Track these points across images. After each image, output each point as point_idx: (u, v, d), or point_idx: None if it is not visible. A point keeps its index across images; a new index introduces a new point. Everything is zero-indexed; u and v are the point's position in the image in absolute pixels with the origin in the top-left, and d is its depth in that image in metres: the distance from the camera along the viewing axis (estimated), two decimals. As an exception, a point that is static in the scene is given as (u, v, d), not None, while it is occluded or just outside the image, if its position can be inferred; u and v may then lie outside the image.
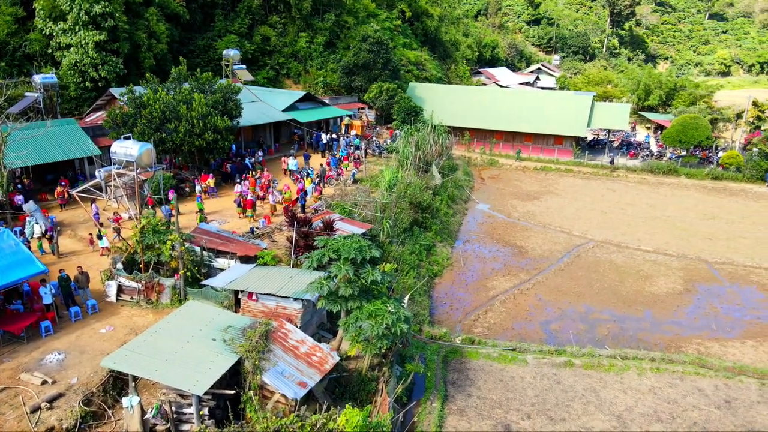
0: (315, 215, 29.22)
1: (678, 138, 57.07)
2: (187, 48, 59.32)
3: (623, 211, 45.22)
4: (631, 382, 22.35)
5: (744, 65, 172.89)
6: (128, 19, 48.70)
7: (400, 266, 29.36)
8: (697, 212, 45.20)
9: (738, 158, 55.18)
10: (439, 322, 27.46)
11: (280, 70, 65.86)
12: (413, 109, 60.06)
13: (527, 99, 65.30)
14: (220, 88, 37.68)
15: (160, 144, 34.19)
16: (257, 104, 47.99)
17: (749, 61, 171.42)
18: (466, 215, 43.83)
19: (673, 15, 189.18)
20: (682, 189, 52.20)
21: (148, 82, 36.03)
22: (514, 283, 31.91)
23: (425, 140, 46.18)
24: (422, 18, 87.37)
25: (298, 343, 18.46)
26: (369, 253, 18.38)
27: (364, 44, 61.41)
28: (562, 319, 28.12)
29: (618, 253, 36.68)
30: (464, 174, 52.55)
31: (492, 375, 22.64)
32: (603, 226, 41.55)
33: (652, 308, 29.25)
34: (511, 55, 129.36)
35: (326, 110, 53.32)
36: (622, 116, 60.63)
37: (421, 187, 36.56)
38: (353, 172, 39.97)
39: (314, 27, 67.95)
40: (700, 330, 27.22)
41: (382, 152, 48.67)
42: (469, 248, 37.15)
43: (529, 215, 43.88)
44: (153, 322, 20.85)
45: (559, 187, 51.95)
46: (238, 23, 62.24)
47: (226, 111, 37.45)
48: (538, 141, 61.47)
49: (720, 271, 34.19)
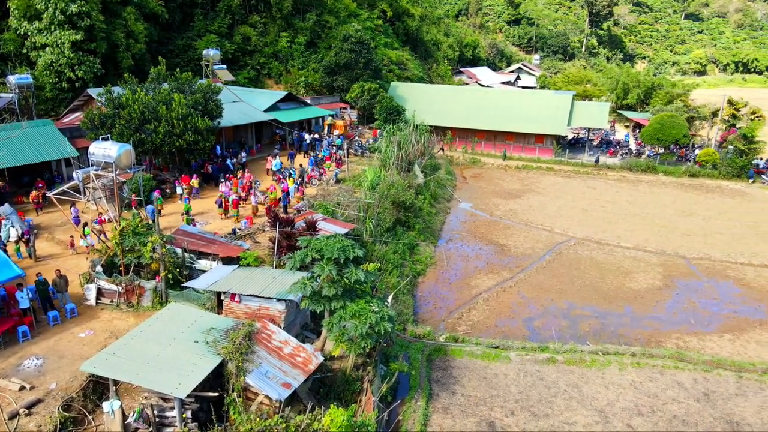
0: (298, 215, 29.10)
1: (656, 136, 57.99)
2: (166, 48, 58.66)
3: (604, 208, 45.79)
4: (613, 377, 22.65)
5: (719, 64, 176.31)
6: (105, 18, 48.00)
7: (384, 266, 29.39)
8: (675, 209, 45.95)
9: (714, 156, 56.25)
10: (423, 321, 27.54)
11: (261, 70, 65.47)
12: (395, 109, 60.15)
13: (508, 98, 65.80)
14: (200, 88, 37.34)
15: (139, 145, 33.77)
16: (238, 104, 47.64)
17: (724, 61, 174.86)
18: (449, 214, 44.01)
19: (650, 15, 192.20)
20: (661, 186, 53.03)
21: (127, 82, 35.53)
22: (497, 281, 32.12)
23: (407, 140, 46.26)
24: (403, 18, 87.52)
25: (282, 344, 18.37)
26: (352, 252, 18.37)
27: (346, 44, 61.33)
28: (544, 315, 28.38)
29: (599, 250, 37.12)
30: (446, 173, 52.77)
31: (476, 372, 22.76)
32: (584, 223, 42.02)
33: (632, 304, 29.67)
34: (492, 54, 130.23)
35: (308, 110, 53.16)
36: (602, 115, 61.40)
37: (403, 186, 36.63)
38: (336, 172, 39.89)
39: (295, 27, 67.68)
40: (679, 324, 27.68)
41: (364, 152, 48.66)
42: (452, 247, 37.31)
43: (512, 213, 44.22)
44: (134, 325, 20.58)
45: (541, 186, 52.42)
46: (217, 23, 61.74)
47: (206, 111, 37.12)
48: (519, 140, 61.95)
49: (698, 266, 34.80)
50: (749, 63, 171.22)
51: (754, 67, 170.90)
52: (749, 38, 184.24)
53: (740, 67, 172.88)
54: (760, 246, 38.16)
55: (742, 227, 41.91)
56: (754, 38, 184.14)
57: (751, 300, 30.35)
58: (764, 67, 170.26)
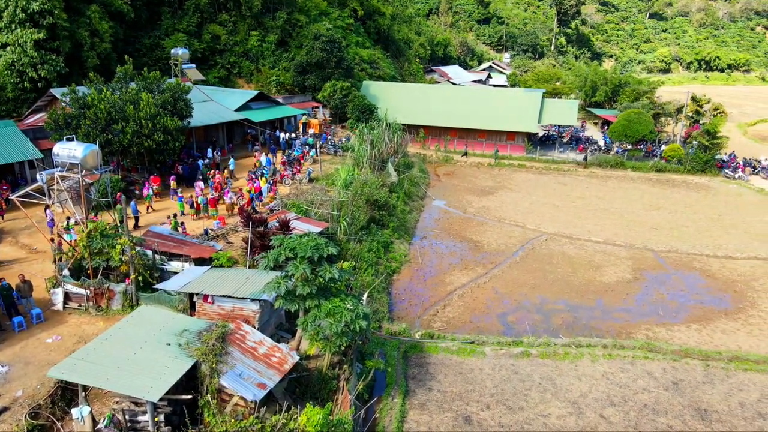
0: (271, 215, 28.83)
1: (623, 132, 59.23)
2: (133, 47, 57.50)
3: (574, 204, 46.55)
4: (585, 369, 23.04)
5: (683, 62, 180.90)
6: (69, 16, 46.86)
7: (358, 264, 29.34)
8: (642, 203, 46.98)
9: (679, 151, 57.68)
10: (399, 319, 27.58)
11: (232, 69, 64.73)
12: (367, 108, 60.09)
13: (480, 96, 66.38)
14: (169, 87, 36.69)
15: (106, 145, 33.01)
16: (209, 104, 46.98)
17: (687, 59, 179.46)
18: (423, 211, 44.18)
19: (616, 14, 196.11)
20: (629, 182, 54.16)
21: (92, 81, 34.68)
22: (472, 277, 32.37)
23: (380, 138, 46.27)
24: (374, 17, 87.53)
25: (257, 344, 18.19)
26: (326, 250, 18.28)
27: (317, 42, 61.02)
28: (518, 310, 28.71)
29: (570, 244, 37.73)
30: (420, 171, 52.95)
31: (452, 368, 22.90)
32: (555, 219, 42.64)
33: (603, 297, 30.24)
34: (463, 53, 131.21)
35: (280, 109, 52.74)
36: (571, 112, 62.38)
37: (377, 185, 36.62)
38: (309, 171, 39.66)
39: (265, 25, 67.07)
40: (649, 316, 28.31)
41: (337, 151, 48.49)
42: (427, 244, 37.46)
43: (485, 210, 44.61)
44: (103, 329, 20.14)
45: (513, 183, 53.02)
46: (186, 21, 60.77)
47: (176, 111, 36.50)
48: (491, 137, 62.54)
49: (665, 259, 35.65)
50: (711, 61, 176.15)
51: (716, 65, 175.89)
52: (711, 37, 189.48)
53: (703, 64, 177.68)
54: (723, 238, 39.29)
55: (707, 220, 43.10)
56: (715, 37, 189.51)
57: (716, 291, 31.23)
58: (726, 65, 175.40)
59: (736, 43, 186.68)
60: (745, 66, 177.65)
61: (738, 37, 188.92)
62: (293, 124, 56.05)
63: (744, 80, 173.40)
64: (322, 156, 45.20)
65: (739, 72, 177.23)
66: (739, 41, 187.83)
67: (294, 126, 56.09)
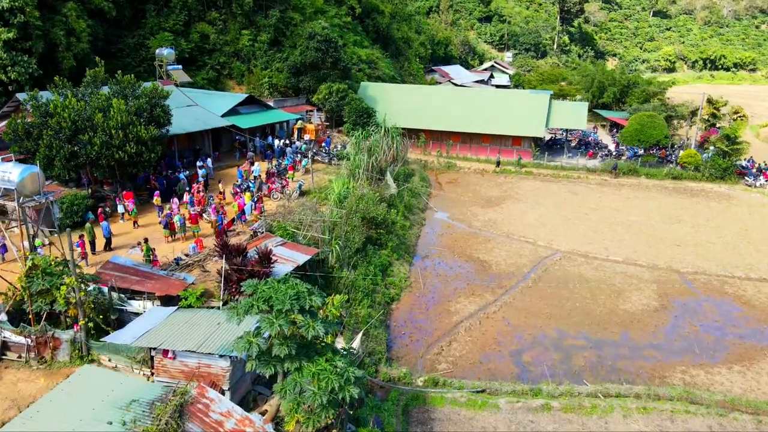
0: (252, 240, 25.38)
1: (636, 137, 55.79)
2: (115, 47, 54.01)
3: (587, 216, 43.12)
4: (617, 426, 19.65)
5: (688, 61, 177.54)
6: (42, 14, 43.32)
7: (353, 294, 25.93)
8: (661, 215, 43.55)
9: (696, 157, 54.23)
10: (398, 359, 24.19)
11: (222, 71, 61.17)
12: (365, 111, 56.65)
13: (484, 99, 62.85)
14: (145, 92, 33.20)
15: (72, 158, 29.59)
16: (193, 109, 43.48)
17: (692, 58, 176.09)
18: (424, 226, 40.73)
19: (619, 12, 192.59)
20: (644, 190, 50.70)
21: (57, 86, 31.22)
22: (480, 305, 28.95)
23: (378, 145, 42.81)
24: (373, 15, 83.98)
25: (223, 416, 14.78)
26: (308, 301, 14.87)
27: (312, 42, 57.50)
28: (533, 347, 25.31)
29: (587, 265, 34.31)
30: (421, 180, 49.50)
31: (460, 425, 19.53)
32: (568, 234, 39.23)
33: (629, 329, 26.83)
34: (464, 52, 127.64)
35: (271, 114, 49.23)
36: (580, 115, 58.92)
37: (374, 200, 33.14)
38: (299, 184, 36.16)
39: (257, 24, 63.51)
40: (682, 354, 24.91)
41: (332, 159, 44.96)
42: (429, 265, 34.04)
43: (491, 224, 41.18)
44: (44, 388, 16.85)
45: (520, 192, 49.57)
46: (172, 20, 57.17)
47: (152, 118, 33.04)
48: (496, 142, 59.09)
49: (693, 282, 32.24)
50: (717, 60, 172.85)
51: (721, 63, 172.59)
52: (716, 35, 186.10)
53: (708, 63, 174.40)
54: (754, 256, 35.89)
55: (733, 235, 39.66)
56: (720, 35, 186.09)
57: (756, 321, 27.83)
58: (731, 63, 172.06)
59: (741, 42, 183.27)
60: (751, 65, 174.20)
61: (743, 36, 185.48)
62: (286, 130, 52.55)
63: (750, 79, 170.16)
64: (315, 165, 41.73)
65: (745, 71, 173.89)
66: (744, 39, 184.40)
67: (286, 131, 52.60)
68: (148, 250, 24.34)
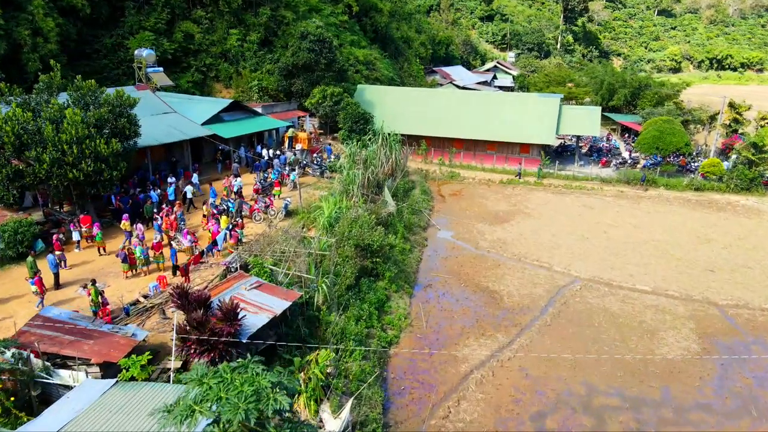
0: (221, 283, 21.20)
1: (655, 145, 51.61)
2: (91, 47, 49.84)
3: (606, 234, 39.01)
4: None
5: (694, 61, 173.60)
6: (5, 12, 39.41)
7: (343, 344, 21.79)
8: (687, 233, 39.44)
9: (720, 166, 50.10)
10: (397, 424, 20.08)
11: (208, 73, 56.99)
12: (362, 116, 52.51)
13: (489, 103, 58.64)
14: (108, 100, 29.04)
15: (16, 179, 25.50)
16: (170, 117, 39.35)
17: (698, 57, 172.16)
18: (426, 247, 36.59)
19: (623, 11, 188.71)
20: (665, 203, 46.56)
21: (3, 93, 27.07)
22: (492, 349, 24.84)
23: (375, 157, 38.67)
24: (371, 13, 79.82)
25: None
26: (271, 404, 10.72)
27: (304, 42, 53.34)
28: (558, 408, 21.19)
29: (611, 295, 30.19)
30: (422, 193, 45.35)
31: None
32: (587, 256, 35.14)
33: (669, 383, 22.72)
34: (466, 52, 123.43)
35: (258, 121, 45.05)
36: (593, 121, 54.69)
37: (370, 223, 28.98)
38: (285, 203, 31.96)
39: (246, 23, 59.37)
40: (737, 418, 20.81)
41: (324, 172, 40.73)
42: (432, 296, 29.91)
43: (501, 244, 37.06)
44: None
45: (530, 205, 45.43)
46: (154, 18, 52.96)
47: (116, 130, 28.94)
48: (502, 149, 54.99)
49: (736, 318, 28.12)
50: (723, 59, 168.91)
51: (728, 63, 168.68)
52: (722, 34, 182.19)
53: (714, 63, 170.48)
54: (799, 284, 31.81)
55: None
56: (726, 34, 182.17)
57: (817, 371, 23.74)
58: (738, 63, 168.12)
59: (747, 41, 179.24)
60: (759, 65, 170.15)
61: (749, 35, 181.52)
62: (274, 138, 48.40)
63: (757, 80, 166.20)
64: (305, 179, 37.64)
65: (752, 71, 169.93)
66: (750, 39, 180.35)
67: (275, 140, 48.44)
68: (96, 294, 20.25)
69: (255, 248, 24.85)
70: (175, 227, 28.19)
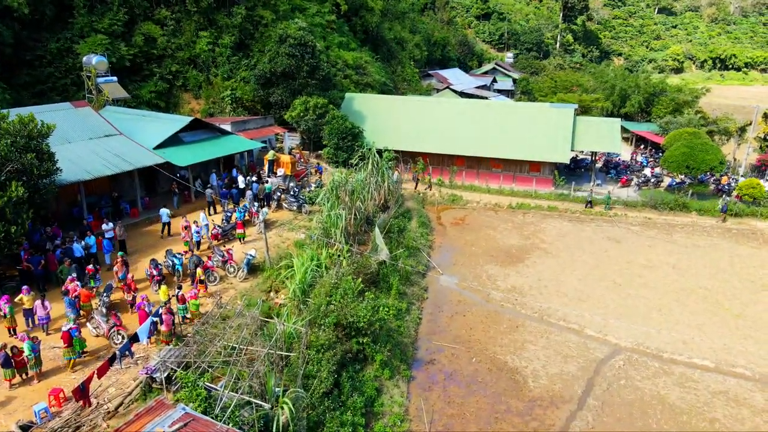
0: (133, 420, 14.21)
1: (685, 163, 45.01)
2: (33, 54, 42.76)
3: (642, 280, 32.42)
4: None
5: (696, 61, 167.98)
6: None
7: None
8: (740, 277, 32.93)
9: (760, 188, 43.64)
10: None
11: (174, 82, 50.05)
12: (350, 131, 45.54)
13: (494, 113, 51.80)
14: (10, 130, 22.11)
15: None
16: (115, 140, 32.37)
17: (701, 57, 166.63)
18: (426, 301, 29.84)
19: (623, 9, 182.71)
20: (702, 234, 40.04)
21: None
22: (521, 474, 18.18)
23: (365, 188, 31.86)
24: (361, 12, 72.94)
25: None
26: None
27: (283, 47, 46.45)
28: None
29: (665, 375, 23.58)
30: (420, 225, 38.61)
31: None
32: (624, 313, 28.54)
33: None
34: (462, 53, 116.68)
35: (225, 141, 37.98)
36: (613, 135, 47.88)
37: (354, 290, 22.15)
38: (248, 258, 24.97)
39: (218, 24, 52.31)
40: None
41: (302, 205, 33.68)
42: (435, 380, 23.17)
43: (516, 294, 30.41)
44: None
45: (546, 238, 38.78)
46: (109, 18, 45.82)
47: (22, 170, 22.04)
48: (509, 167, 48.34)
49: (834, 412, 21.58)
50: (727, 59, 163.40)
51: (732, 63, 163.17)
52: (724, 33, 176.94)
53: (717, 63, 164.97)
54: None
55: None
56: (728, 33, 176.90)
57: None
58: (742, 63, 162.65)
59: (749, 40, 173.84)
60: (763, 64, 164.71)
61: (751, 33, 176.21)
62: (246, 161, 41.45)
63: (762, 80, 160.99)
64: (280, 214, 30.68)
65: (756, 71, 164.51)
66: (753, 37, 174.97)
67: (247, 163, 41.45)
68: None
69: (191, 344, 17.89)
70: (87, 299, 20.95)
